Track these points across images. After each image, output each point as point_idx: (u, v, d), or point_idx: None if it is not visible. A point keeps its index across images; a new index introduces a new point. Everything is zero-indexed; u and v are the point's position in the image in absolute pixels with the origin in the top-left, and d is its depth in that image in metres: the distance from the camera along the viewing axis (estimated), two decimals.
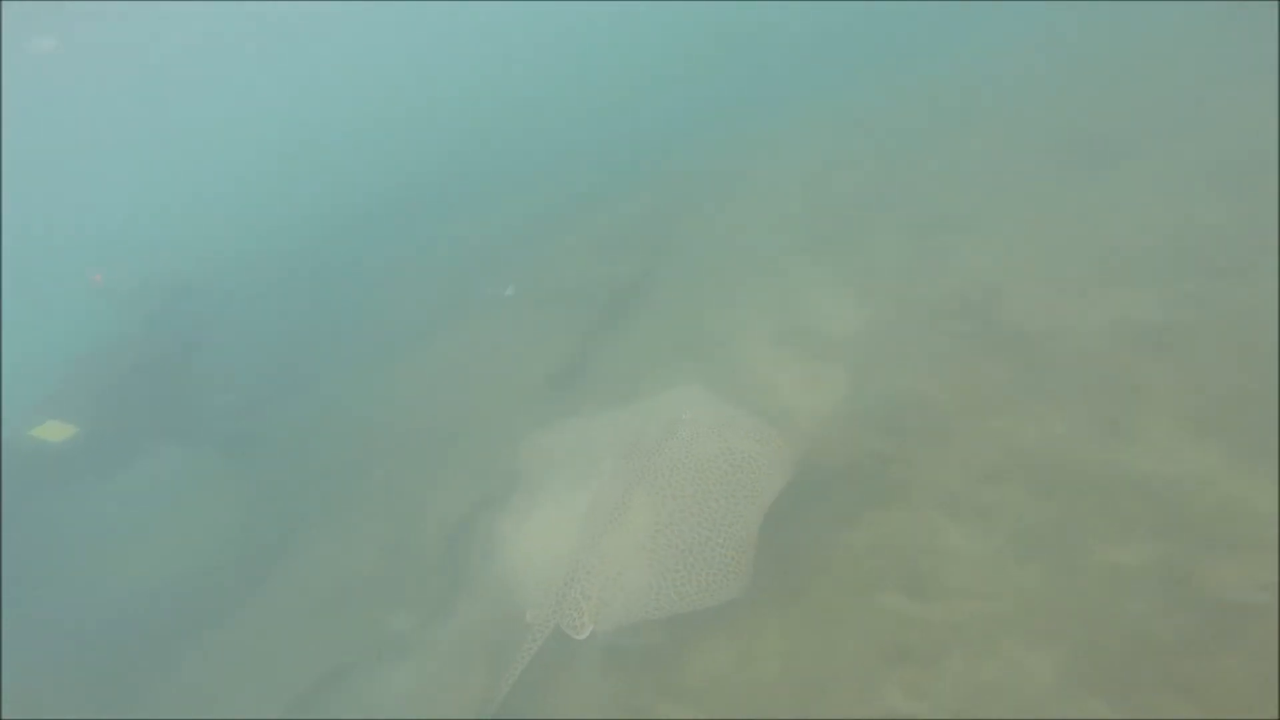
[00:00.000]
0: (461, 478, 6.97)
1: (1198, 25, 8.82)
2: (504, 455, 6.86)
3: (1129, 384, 4.40)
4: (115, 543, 9.17)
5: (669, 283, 8.32)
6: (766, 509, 4.00)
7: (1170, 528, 3.63)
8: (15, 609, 7.94)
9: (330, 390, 10.04)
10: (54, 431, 10.32)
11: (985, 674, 3.33)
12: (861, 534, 4.34)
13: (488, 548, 5.61)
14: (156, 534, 9.03)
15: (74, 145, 36.02)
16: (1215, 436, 3.87)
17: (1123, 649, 3.22)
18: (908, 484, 4.43)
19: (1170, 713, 2.93)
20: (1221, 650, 3.06)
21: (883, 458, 4.70)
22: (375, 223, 16.13)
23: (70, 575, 8.85)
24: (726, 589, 3.76)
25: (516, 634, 4.06)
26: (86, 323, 14.32)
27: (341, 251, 15.06)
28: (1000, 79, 9.91)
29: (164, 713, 5.94)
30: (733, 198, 9.99)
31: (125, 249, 20.00)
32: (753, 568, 3.80)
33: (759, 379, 5.86)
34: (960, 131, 8.91)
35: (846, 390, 5.34)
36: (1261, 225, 5.22)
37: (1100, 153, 7.13)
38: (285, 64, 42.25)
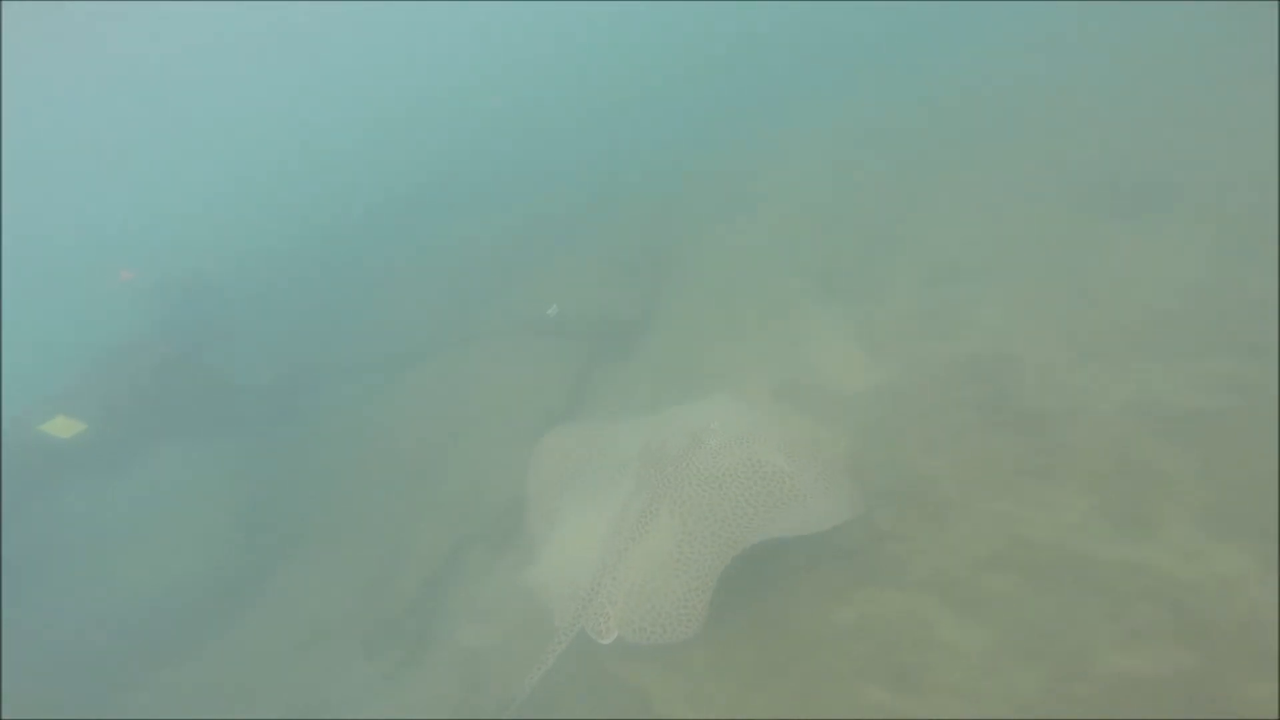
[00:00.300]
0: (449, 510, 6.76)
1: (1248, 60, 8.17)
2: (494, 487, 6.68)
3: (1148, 473, 4.02)
4: (108, 546, 9.04)
5: (669, 320, 8.06)
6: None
7: (1189, 636, 3.25)
8: (10, 606, 7.84)
9: (338, 398, 9.91)
10: (63, 428, 10.28)
11: None
12: (849, 613, 4.00)
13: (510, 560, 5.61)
14: (151, 540, 8.90)
15: (91, 145, 36.76)
16: (1242, 538, 3.48)
17: None
18: (903, 563, 4.09)
19: None
20: None
21: (879, 532, 4.36)
22: (383, 223, 16.20)
23: (59, 576, 8.69)
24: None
25: (542, 637, 3.93)
26: (103, 320, 14.36)
27: (351, 251, 15.12)
28: (1024, 108, 9.44)
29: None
30: (741, 222, 9.73)
31: (143, 247, 20.29)
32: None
33: None
34: (979, 164, 8.51)
35: (847, 456, 4.99)
36: None
37: (1128, 197, 6.68)
38: (298, 65, 42.88)
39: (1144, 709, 3.07)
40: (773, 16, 20.94)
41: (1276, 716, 2.70)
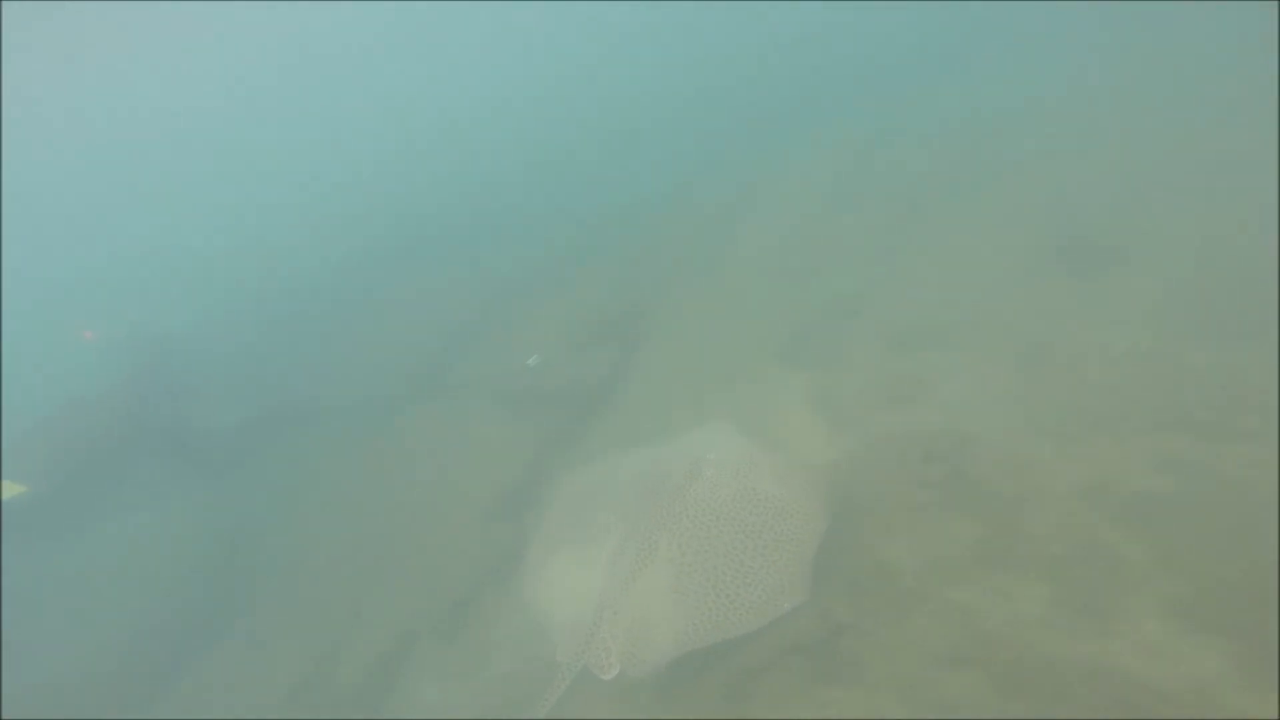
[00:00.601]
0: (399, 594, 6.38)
1: (1218, 110, 8.31)
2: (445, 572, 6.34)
3: (1109, 561, 3.84)
4: (35, 615, 8.42)
5: (635, 384, 7.85)
6: None
7: None
8: None
9: (297, 458, 9.50)
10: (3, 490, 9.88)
11: None
12: (805, 712, 3.70)
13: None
14: (71, 614, 8.28)
15: (54, 198, 36.20)
16: (1213, 634, 3.28)
17: None
18: (861, 660, 3.82)
19: None
20: None
21: (838, 625, 4.09)
22: (347, 277, 15.93)
23: None
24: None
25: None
26: (63, 376, 13.84)
27: (316, 306, 14.80)
28: (992, 159, 9.52)
29: None
30: (708, 283, 9.63)
31: (109, 300, 19.80)
32: None
33: None
34: (947, 221, 8.52)
35: (806, 539, 4.75)
36: (1263, 377, 4.70)
37: (1083, 259, 6.67)
38: (262, 120, 42.79)
39: None
40: (735, 72, 21.24)
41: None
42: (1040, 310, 6.28)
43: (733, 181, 13.03)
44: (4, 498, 9.92)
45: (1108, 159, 8.25)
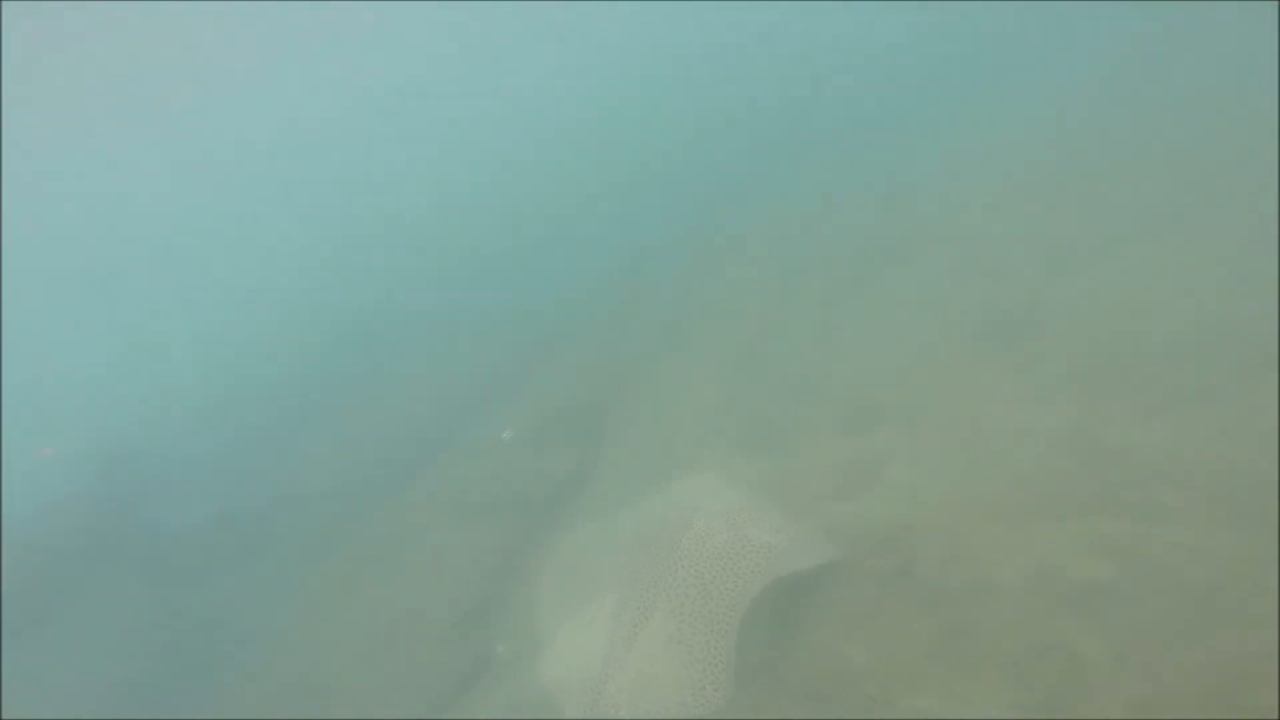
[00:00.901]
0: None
1: (1141, 177, 8.62)
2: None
3: (1068, 659, 3.72)
4: None
5: (591, 490, 7.71)
6: None
7: None
8: None
9: (247, 575, 9.08)
10: None
11: None
12: None
13: None
14: None
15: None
16: None
17: None
18: None
19: None
20: None
21: None
22: (302, 379, 15.62)
23: None
24: None
25: None
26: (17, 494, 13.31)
27: (271, 412, 14.45)
28: (927, 230, 9.77)
29: None
30: (661, 373, 9.63)
31: (71, 413, 19.25)
32: None
33: None
34: (897, 295, 8.70)
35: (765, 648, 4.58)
36: (1186, 450, 4.71)
37: (1017, 331, 6.81)
38: (204, 218, 42.64)
39: None
40: (672, 150, 21.75)
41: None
42: (971, 386, 6.35)
43: (678, 265, 13.29)
44: None
45: (1031, 230, 8.52)
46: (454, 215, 26.29)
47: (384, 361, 14.87)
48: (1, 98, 26.36)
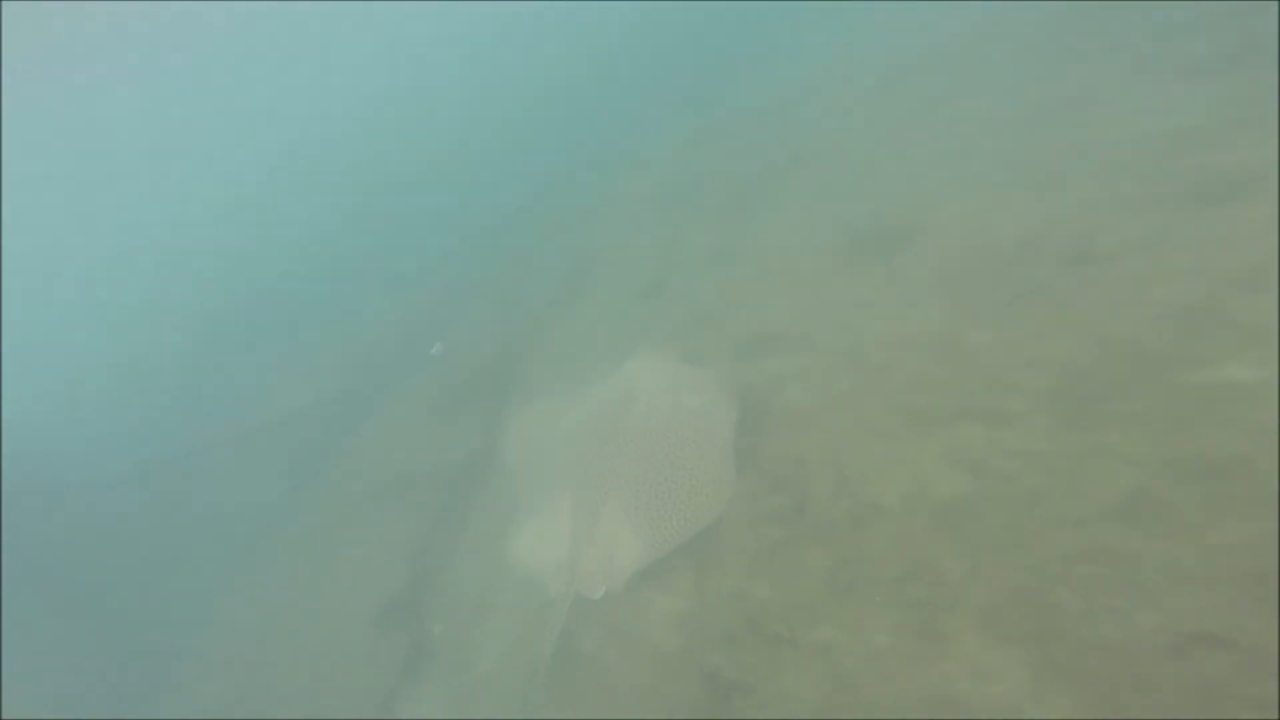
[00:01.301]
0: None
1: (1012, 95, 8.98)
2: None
3: (936, 578, 4.29)
4: None
5: (498, 461, 7.84)
6: None
7: None
8: None
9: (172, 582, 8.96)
10: None
11: None
12: None
13: None
14: None
15: None
16: (1015, 645, 3.77)
17: None
18: None
19: None
20: None
21: (726, 684, 4.42)
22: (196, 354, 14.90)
23: None
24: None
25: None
26: None
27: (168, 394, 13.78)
28: (811, 150, 10.03)
29: None
30: (568, 310, 9.76)
31: None
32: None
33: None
34: (778, 219, 9.02)
35: (689, 595, 5.05)
36: (1030, 353, 5.26)
37: (889, 242, 7.18)
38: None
39: None
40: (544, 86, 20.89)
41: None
42: (850, 304, 6.70)
43: (569, 199, 13.10)
44: None
45: (899, 146, 8.79)
46: (345, 169, 24.43)
47: (294, 319, 14.22)
48: None
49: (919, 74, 10.88)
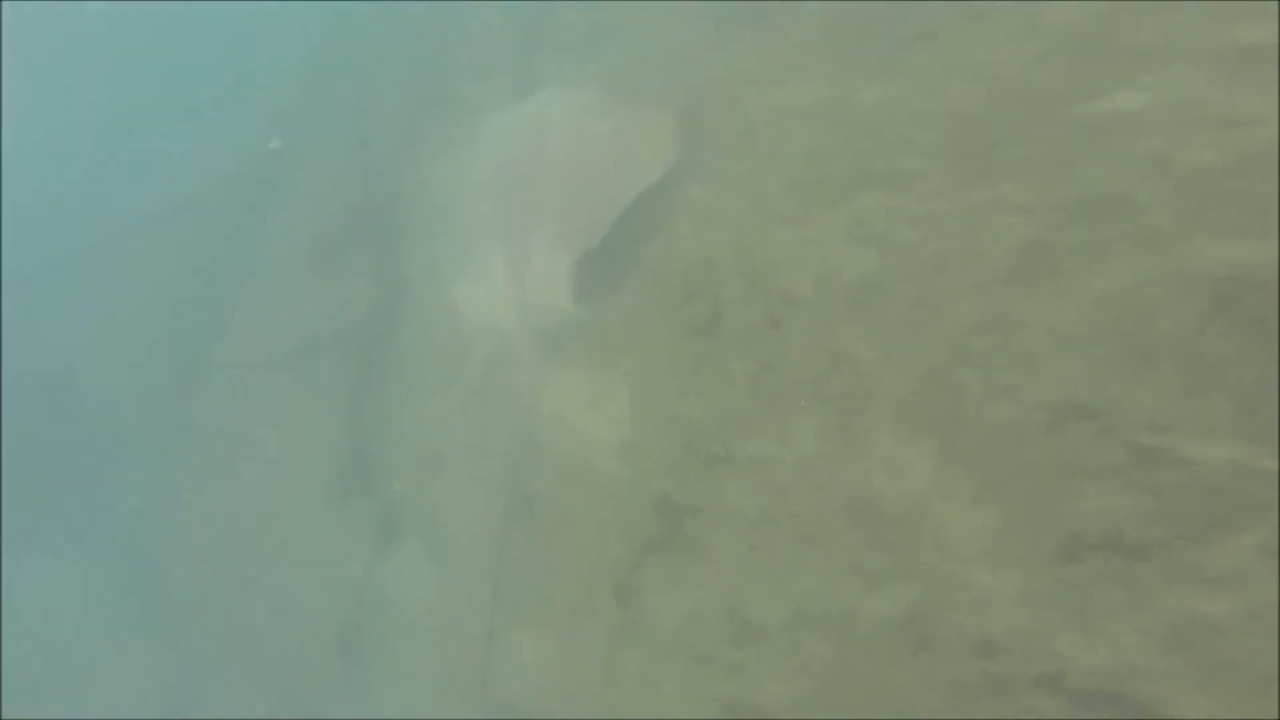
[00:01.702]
0: None
1: None
2: None
3: (852, 371, 4.32)
4: None
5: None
6: None
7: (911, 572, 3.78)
8: None
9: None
10: None
11: None
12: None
13: None
14: None
15: None
16: (925, 437, 3.92)
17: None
18: (706, 540, 4.52)
19: None
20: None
21: (675, 506, 4.72)
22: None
23: None
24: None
25: None
26: None
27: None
28: None
29: None
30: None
31: None
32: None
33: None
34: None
35: (629, 423, 5.16)
36: (919, 102, 4.67)
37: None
38: None
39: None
40: None
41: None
42: (735, 76, 5.76)
43: None
44: None
45: None
46: None
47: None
48: None
49: None
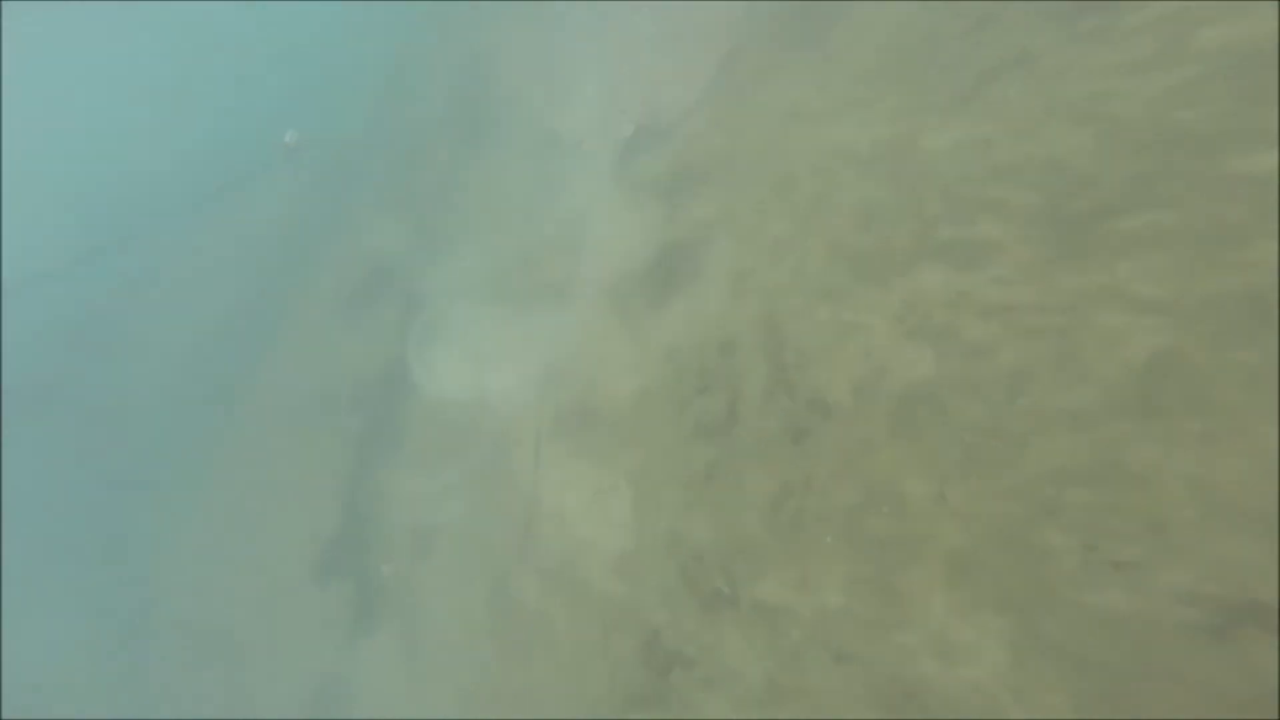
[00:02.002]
0: None
1: None
2: None
3: (892, 504, 3.35)
4: None
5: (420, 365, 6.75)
6: None
7: None
8: None
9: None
10: None
11: None
12: None
13: None
14: None
15: None
16: (996, 613, 2.92)
17: None
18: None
19: None
20: None
21: (680, 658, 3.82)
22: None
23: None
24: None
25: None
26: None
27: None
28: None
29: None
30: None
31: None
32: None
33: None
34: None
35: (629, 526, 4.31)
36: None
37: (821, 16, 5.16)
38: None
39: None
40: None
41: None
42: (767, 103, 4.90)
43: None
44: None
45: None
46: None
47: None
48: None
49: None
